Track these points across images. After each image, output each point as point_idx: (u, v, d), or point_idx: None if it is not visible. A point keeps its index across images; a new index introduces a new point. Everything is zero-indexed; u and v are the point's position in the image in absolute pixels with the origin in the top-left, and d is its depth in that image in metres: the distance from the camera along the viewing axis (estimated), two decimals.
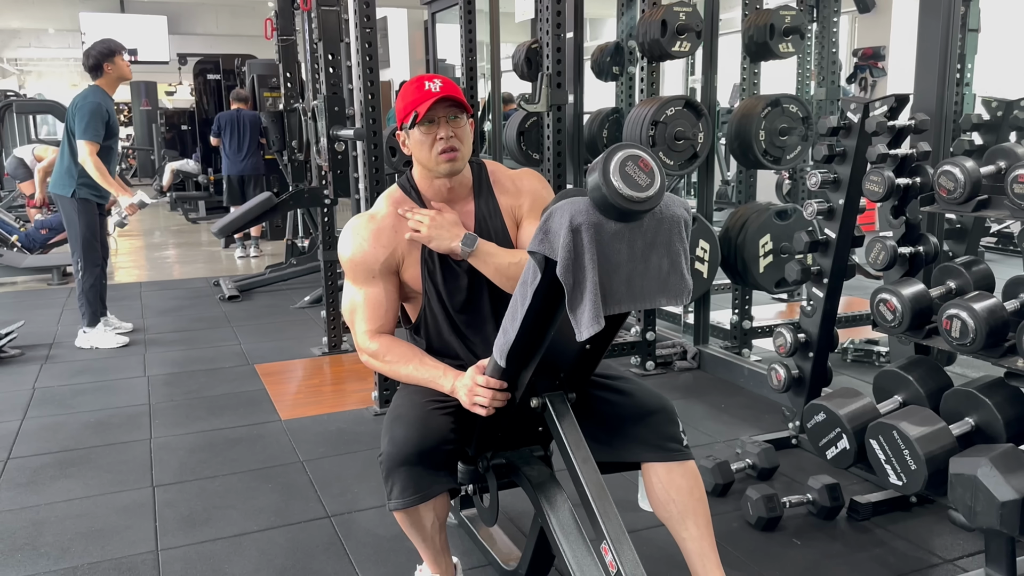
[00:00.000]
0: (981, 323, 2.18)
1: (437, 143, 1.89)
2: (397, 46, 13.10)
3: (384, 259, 1.95)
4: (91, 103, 4.48)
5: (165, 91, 17.81)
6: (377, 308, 1.96)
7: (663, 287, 1.56)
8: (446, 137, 1.89)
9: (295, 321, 5.38)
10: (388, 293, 1.97)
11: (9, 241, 7.32)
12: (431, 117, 1.89)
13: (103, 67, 4.55)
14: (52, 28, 16.95)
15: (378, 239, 1.95)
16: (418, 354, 1.95)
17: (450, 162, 1.91)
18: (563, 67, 3.55)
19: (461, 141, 1.92)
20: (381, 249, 1.94)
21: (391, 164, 3.62)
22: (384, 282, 1.96)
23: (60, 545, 2.52)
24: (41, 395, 3.94)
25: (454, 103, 1.90)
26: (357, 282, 1.97)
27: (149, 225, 11.11)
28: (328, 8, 4.05)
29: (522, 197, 2.05)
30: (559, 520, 1.82)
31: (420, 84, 1.91)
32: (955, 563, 2.34)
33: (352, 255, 1.96)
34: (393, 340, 1.98)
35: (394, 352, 1.95)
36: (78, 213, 4.57)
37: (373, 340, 1.96)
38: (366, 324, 1.96)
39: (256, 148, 7.99)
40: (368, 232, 1.96)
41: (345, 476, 2.97)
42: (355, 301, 1.97)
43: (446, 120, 1.90)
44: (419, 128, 1.90)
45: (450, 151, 1.90)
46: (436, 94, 1.87)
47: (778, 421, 3.26)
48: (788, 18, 3.84)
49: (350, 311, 1.99)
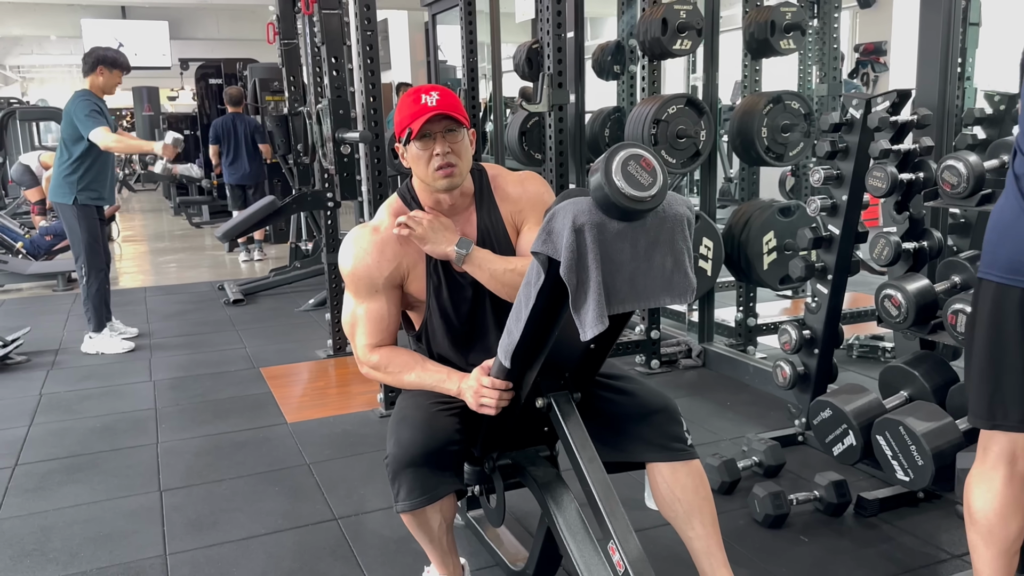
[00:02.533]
0: None
1: (433, 159, 1.86)
2: (398, 48, 13.12)
3: (389, 273, 1.92)
4: (82, 101, 4.49)
5: (167, 96, 17.83)
6: (379, 323, 1.94)
7: (667, 286, 1.56)
8: (442, 153, 1.85)
9: (299, 324, 5.39)
10: (390, 307, 1.95)
11: (14, 248, 7.35)
12: (426, 132, 1.85)
13: (97, 69, 4.57)
14: (54, 35, 17.00)
15: (382, 252, 1.92)
16: (419, 360, 1.94)
17: (447, 178, 1.87)
18: (564, 67, 3.55)
19: (459, 156, 1.87)
20: (386, 263, 1.92)
21: (393, 166, 3.63)
22: (386, 296, 1.94)
23: (68, 550, 2.53)
24: (48, 401, 3.95)
25: (450, 116, 1.85)
26: (359, 296, 1.94)
27: (153, 230, 11.14)
28: (330, 11, 4.05)
29: (522, 203, 2.02)
30: (566, 520, 1.82)
31: (417, 97, 1.87)
32: (963, 558, 2.33)
33: (354, 268, 1.92)
34: (393, 350, 1.96)
35: (396, 362, 1.94)
36: (79, 219, 4.58)
37: (373, 353, 1.95)
38: (366, 338, 1.95)
39: (255, 155, 7.84)
40: (371, 245, 1.92)
41: (351, 478, 2.97)
42: (356, 315, 1.95)
43: (442, 135, 1.86)
44: (415, 144, 1.87)
45: (447, 167, 1.86)
46: (431, 109, 1.83)
47: (784, 418, 3.26)
48: (789, 14, 3.84)
49: (351, 324, 1.97)
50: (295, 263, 6.99)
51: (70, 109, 4.52)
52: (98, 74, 4.57)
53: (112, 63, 4.59)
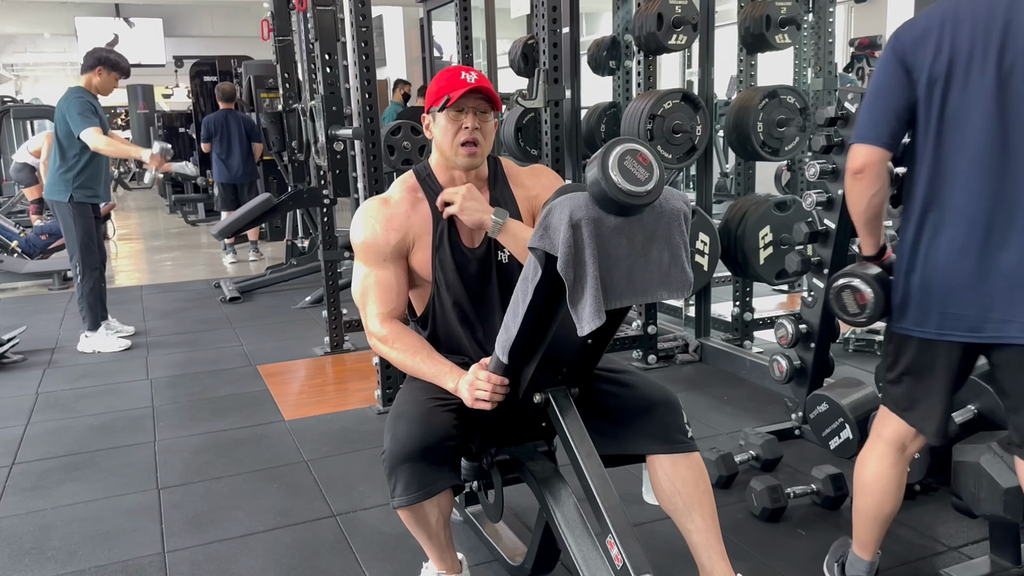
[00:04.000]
0: None
1: (461, 132, 1.93)
2: (393, 44, 13.10)
3: (396, 243, 1.97)
4: (75, 99, 4.48)
5: (162, 94, 17.79)
6: (388, 291, 1.97)
7: (664, 281, 1.56)
8: (471, 128, 1.92)
9: (296, 321, 5.39)
10: (398, 276, 1.99)
11: (9, 247, 7.33)
12: (461, 106, 1.92)
13: (96, 69, 4.56)
14: (48, 33, 16.93)
15: (390, 223, 1.97)
16: (425, 347, 1.96)
17: (470, 156, 1.95)
18: (560, 62, 3.55)
19: (484, 136, 1.96)
20: (393, 233, 1.97)
21: (389, 163, 3.62)
22: (395, 265, 1.98)
23: (67, 549, 2.53)
24: (44, 400, 3.95)
25: (485, 97, 1.94)
26: (368, 264, 1.98)
27: (149, 228, 11.12)
28: (324, 8, 4.04)
29: (538, 189, 2.08)
30: (564, 515, 1.83)
31: (456, 73, 1.94)
32: (960, 550, 2.34)
33: (364, 238, 1.97)
34: (403, 329, 1.99)
35: (403, 341, 1.96)
36: (74, 217, 4.57)
37: (384, 325, 1.97)
38: (377, 307, 1.97)
39: (248, 153, 7.68)
40: (381, 216, 1.98)
41: (349, 475, 2.97)
42: (366, 283, 1.99)
43: (474, 112, 1.93)
44: (446, 113, 1.93)
45: (471, 144, 1.93)
46: (471, 84, 1.91)
47: (781, 412, 3.27)
48: (784, 9, 3.84)
49: (361, 293, 2.00)
50: (291, 260, 6.99)
51: (63, 106, 4.50)
52: (96, 73, 4.56)
53: (112, 66, 4.59)
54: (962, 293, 1.73)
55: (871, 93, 1.80)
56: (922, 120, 1.75)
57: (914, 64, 1.73)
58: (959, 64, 1.68)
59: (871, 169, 1.80)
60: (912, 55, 1.73)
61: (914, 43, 1.73)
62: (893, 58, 1.75)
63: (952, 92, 1.70)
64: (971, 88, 1.68)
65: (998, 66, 1.65)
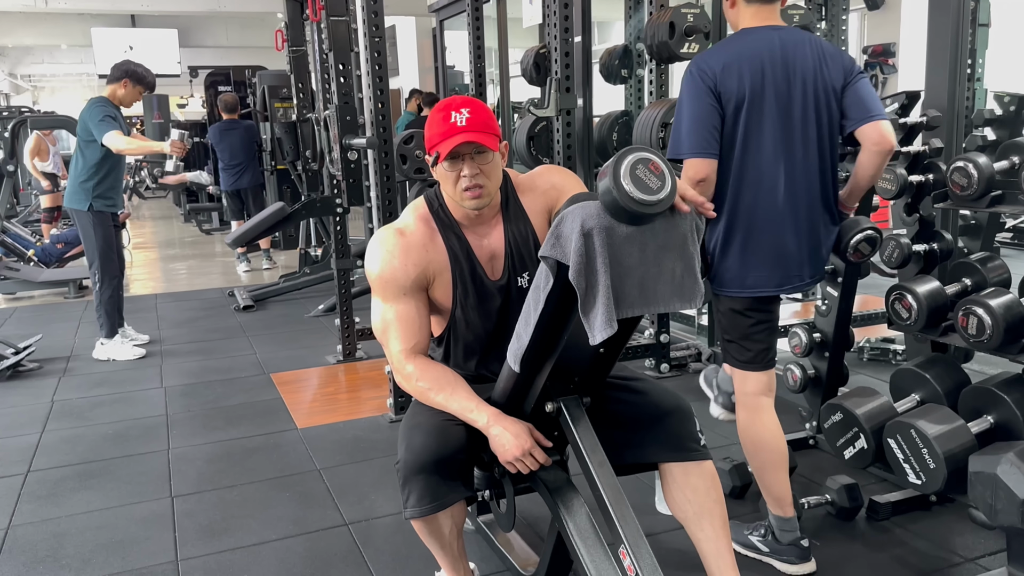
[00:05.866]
0: (998, 319, 2.17)
1: (461, 180, 1.83)
2: (406, 54, 13.14)
3: (415, 277, 1.88)
4: (96, 107, 4.55)
5: (177, 104, 17.93)
6: (410, 325, 1.89)
7: (677, 290, 1.55)
8: (470, 175, 1.82)
9: (310, 330, 5.41)
10: (419, 309, 1.90)
11: (26, 256, 7.39)
12: (455, 154, 1.81)
13: (122, 81, 4.63)
14: (65, 44, 17.10)
15: (408, 255, 1.88)
16: (451, 382, 1.88)
17: (475, 199, 1.84)
18: (572, 71, 3.56)
19: (487, 177, 1.84)
20: (412, 267, 1.87)
21: (402, 172, 3.64)
22: (415, 299, 1.89)
23: (81, 557, 2.54)
24: (60, 408, 3.97)
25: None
26: (387, 299, 1.89)
27: (164, 237, 11.19)
28: (337, 18, 4.07)
29: (546, 185, 1.99)
30: (576, 524, 1.82)
31: (447, 114, 1.81)
32: (977, 562, 2.32)
33: (381, 272, 1.88)
34: (428, 364, 1.91)
35: (428, 377, 1.88)
36: (94, 226, 4.62)
37: (408, 361, 1.89)
38: (400, 343, 1.89)
39: (252, 160, 7.74)
40: (397, 248, 1.88)
41: (362, 484, 2.97)
42: (386, 318, 1.90)
43: (471, 156, 1.82)
44: (443, 164, 1.83)
45: (474, 188, 1.83)
46: (460, 130, 1.78)
47: (795, 421, 3.24)
48: (796, 17, 3.82)
49: (382, 330, 1.92)
50: (304, 269, 7.01)
51: (85, 115, 4.56)
52: (122, 85, 4.63)
53: (139, 79, 4.66)
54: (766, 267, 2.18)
55: (692, 116, 2.12)
56: (727, 137, 2.12)
57: (723, 92, 2.10)
58: (755, 94, 2.09)
59: (711, 177, 2.12)
60: (722, 84, 2.10)
61: (722, 74, 2.10)
62: (704, 88, 2.11)
63: (751, 116, 2.10)
64: (764, 114, 2.10)
65: (777, 97, 2.10)
